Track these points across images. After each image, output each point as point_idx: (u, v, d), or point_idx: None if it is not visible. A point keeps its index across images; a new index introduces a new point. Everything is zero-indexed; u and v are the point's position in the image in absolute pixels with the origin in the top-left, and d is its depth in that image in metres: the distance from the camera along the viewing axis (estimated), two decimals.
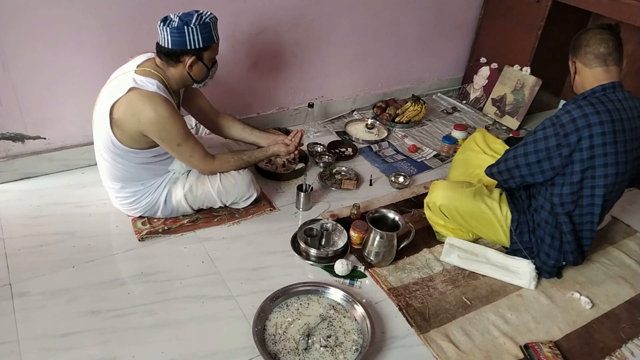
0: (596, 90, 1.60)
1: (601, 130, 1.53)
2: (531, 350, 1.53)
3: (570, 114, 1.56)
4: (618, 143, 1.56)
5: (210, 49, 1.68)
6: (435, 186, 1.90)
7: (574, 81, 1.70)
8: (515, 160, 1.68)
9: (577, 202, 1.64)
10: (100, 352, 1.43)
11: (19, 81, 1.91)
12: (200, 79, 1.75)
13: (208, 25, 1.61)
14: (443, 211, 1.85)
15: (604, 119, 1.53)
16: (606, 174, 1.57)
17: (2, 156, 2.03)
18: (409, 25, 2.83)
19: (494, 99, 3.00)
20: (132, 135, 1.65)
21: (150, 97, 1.59)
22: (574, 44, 1.67)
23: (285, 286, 1.64)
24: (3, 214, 1.90)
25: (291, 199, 2.13)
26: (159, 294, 1.63)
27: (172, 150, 1.72)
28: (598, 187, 1.60)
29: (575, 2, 2.54)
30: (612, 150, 1.55)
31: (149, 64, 1.68)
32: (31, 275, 1.65)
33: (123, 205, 1.87)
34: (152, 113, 1.58)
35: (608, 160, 1.56)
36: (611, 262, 1.95)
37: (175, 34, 1.57)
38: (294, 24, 2.42)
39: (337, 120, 2.83)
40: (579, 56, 1.64)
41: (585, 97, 1.61)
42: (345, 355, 1.47)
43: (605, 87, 1.59)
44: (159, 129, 1.63)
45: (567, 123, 1.55)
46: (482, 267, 1.82)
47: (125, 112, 1.60)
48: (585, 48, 1.62)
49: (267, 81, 2.53)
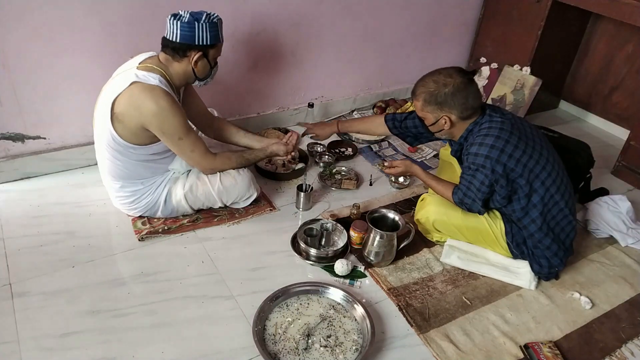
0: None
1: (513, 147, 1.60)
2: (531, 350, 1.53)
3: (479, 155, 1.61)
4: (528, 141, 1.64)
5: (216, 47, 1.72)
6: (426, 202, 1.89)
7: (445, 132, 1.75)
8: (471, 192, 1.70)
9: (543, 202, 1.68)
10: (100, 352, 1.43)
11: (19, 81, 1.91)
12: (203, 76, 1.77)
13: (216, 25, 1.67)
14: (437, 227, 1.86)
15: (505, 137, 1.60)
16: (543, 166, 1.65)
17: (2, 156, 2.03)
18: (409, 25, 2.83)
19: (494, 99, 3.00)
20: (133, 130, 1.65)
21: (152, 90, 1.60)
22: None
23: (285, 286, 1.64)
24: (3, 214, 1.90)
25: (291, 199, 2.13)
26: (159, 294, 1.63)
27: (173, 145, 1.72)
28: (546, 180, 1.66)
29: (575, 2, 2.54)
30: (529, 150, 1.63)
31: (151, 60, 1.70)
32: (31, 275, 1.65)
33: (123, 204, 1.87)
34: (154, 105, 1.59)
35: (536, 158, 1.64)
36: (611, 262, 1.95)
37: (186, 29, 1.61)
38: (294, 24, 2.42)
39: None
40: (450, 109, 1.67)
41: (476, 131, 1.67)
42: (345, 355, 1.47)
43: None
44: (160, 122, 1.63)
45: (484, 162, 1.61)
46: (482, 268, 1.82)
47: (127, 106, 1.60)
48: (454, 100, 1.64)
49: (267, 81, 2.53)
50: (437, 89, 1.63)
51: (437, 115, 1.68)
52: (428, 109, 1.68)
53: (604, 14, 2.46)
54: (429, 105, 1.67)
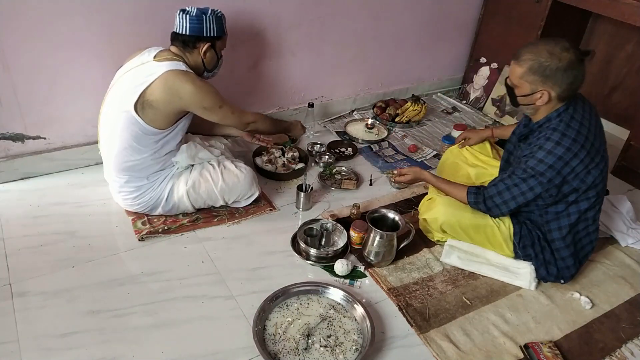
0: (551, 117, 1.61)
1: (579, 161, 1.55)
2: (531, 350, 1.53)
3: (544, 162, 1.56)
4: (594, 157, 1.59)
5: (222, 39, 1.84)
6: (435, 202, 1.86)
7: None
8: (509, 192, 1.65)
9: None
10: (100, 352, 1.43)
11: (19, 81, 1.91)
12: (211, 67, 1.87)
13: (220, 18, 1.80)
14: (444, 228, 1.85)
15: (576, 149, 1.54)
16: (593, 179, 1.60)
17: (2, 156, 2.03)
18: (409, 25, 2.83)
19: (494, 99, 3.00)
20: (166, 114, 1.72)
21: (186, 74, 1.71)
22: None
23: (285, 286, 1.64)
24: (3, 214, 1.90)
25: (291, 199, 2.13)
26: (159, 294, 1.63)
27: (216, 114, 1.81)
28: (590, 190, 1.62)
29: (575, 2, 2.54)
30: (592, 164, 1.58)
31: (165, 53, 1.76)
32: (31, 275, 1.65)
33: (125, 200, 1.87)
34: (192, 86, 1.69)
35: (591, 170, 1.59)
36: (611, 262, 1.95)
37: (195, 22, 1.73)
38: (294, 23, 2.42)
39: (337, 120, 2.84)
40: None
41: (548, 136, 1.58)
42: (345, 355, 1.47)
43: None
44: (201, 99, 1.73)
45: (545, 171, 1.56)
46: (482, 268, 1.82)
47: (164, 93, 1.67)
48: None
49: (267, 81, 2.53)
50: (550, 61, 1.49)
51: (535, 88, 1.55)
52: (529, 78, 1.54)
53: (604, 14, 2.46)
54: (533, 75, 1.53)
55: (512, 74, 1.60)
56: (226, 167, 1.93)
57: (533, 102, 1.59)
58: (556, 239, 1.69)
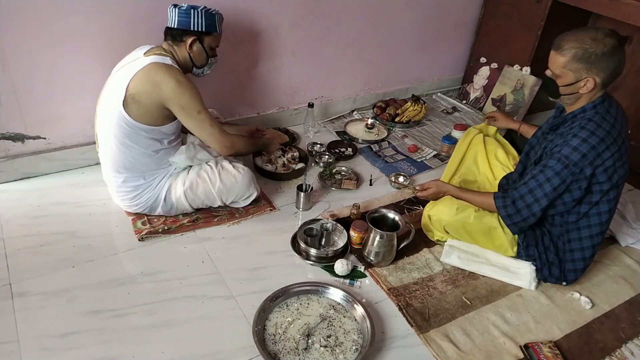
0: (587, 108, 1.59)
1: (610, 154, 1.54)
2: (531, 350, 1.53)
3: (578, 150, 1.53)
4: (622, 156, 1.58)
5: (212, 36, 1.81)
6: (440, 201, 1.86)
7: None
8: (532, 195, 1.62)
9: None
10: (100, 352, 1.43)
11: (19, 81, 1.91)
12: (200, 63, 1.84)
13: (213, 16, 1.78)
14: (447, 229, 1.85)
15: (609, 142, 1.53)
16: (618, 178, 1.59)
17: (2, 156, 2.03)
18: (409, 25, 2.83)
19: (494, 99, 3.00)
20: (149, 109, 1.69)
21: (169, 67, 1.69)
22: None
23: (285, 286, 1.64)
24: (3, 214, 1.90)
25: (291, 199, 2.13)
26: (159, 294, 1.63)
27: (193, 119, 1.74)
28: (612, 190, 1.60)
29: (575, 2, 2.53)
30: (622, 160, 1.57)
31: (156, 49, 1.76)
32: (31, 275, 1.65)
33: (124, 200, 1.87)
34: (173, 80, 1.66)
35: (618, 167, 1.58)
36: (611, 262, 1.95)
37: (182, 15, 1.74)
38: (294, 23, 2.42)
39: (337, 120, 2.83)
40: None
41: (583, 125, 1.57)
42: (345, 355, 1.47)
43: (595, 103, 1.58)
44: (180, 96, 1.68)
45: (579, 160, 1.53)
46: (482, 268, 1.82)
47: (145, 84, 1.65)
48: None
49: (267, 81, 2.53)
50: (594, 47, 1.46)
51: (579, 76, 1.52)
52: (573, 66, 1.51)
53: (604, 14, 2.46)
54: (577, 62, 1.50)
55: (554, 63, 1.56)
56: (224, 167, 1.93)
57: (576, 91, 1.56)
58: (572, 239, 1.69)
